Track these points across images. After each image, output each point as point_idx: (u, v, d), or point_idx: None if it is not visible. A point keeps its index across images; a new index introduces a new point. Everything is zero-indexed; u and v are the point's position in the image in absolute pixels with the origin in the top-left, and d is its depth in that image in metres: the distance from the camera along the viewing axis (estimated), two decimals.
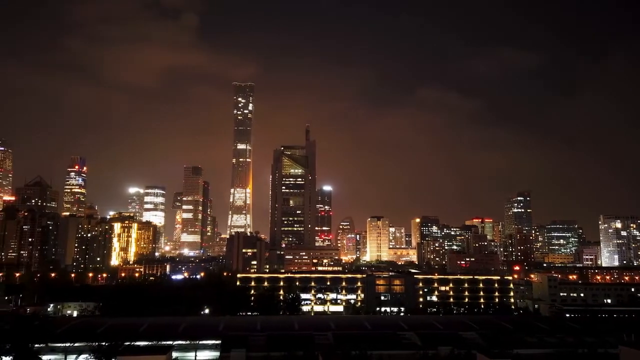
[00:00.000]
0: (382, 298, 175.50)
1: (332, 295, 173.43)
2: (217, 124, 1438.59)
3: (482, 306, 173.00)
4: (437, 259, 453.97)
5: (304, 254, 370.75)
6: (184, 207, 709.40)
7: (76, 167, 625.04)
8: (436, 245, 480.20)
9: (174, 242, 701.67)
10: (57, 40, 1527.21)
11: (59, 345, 73.72)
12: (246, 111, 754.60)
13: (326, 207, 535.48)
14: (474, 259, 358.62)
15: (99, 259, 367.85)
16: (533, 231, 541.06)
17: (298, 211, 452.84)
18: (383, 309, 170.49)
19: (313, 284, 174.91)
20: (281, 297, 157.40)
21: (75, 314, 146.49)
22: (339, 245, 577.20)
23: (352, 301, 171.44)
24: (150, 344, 73.84)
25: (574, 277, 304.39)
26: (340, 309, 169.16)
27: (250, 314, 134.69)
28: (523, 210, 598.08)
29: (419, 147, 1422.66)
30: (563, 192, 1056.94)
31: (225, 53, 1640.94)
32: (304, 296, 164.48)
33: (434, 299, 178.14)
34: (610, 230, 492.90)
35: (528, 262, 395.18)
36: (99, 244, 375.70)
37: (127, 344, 69.28)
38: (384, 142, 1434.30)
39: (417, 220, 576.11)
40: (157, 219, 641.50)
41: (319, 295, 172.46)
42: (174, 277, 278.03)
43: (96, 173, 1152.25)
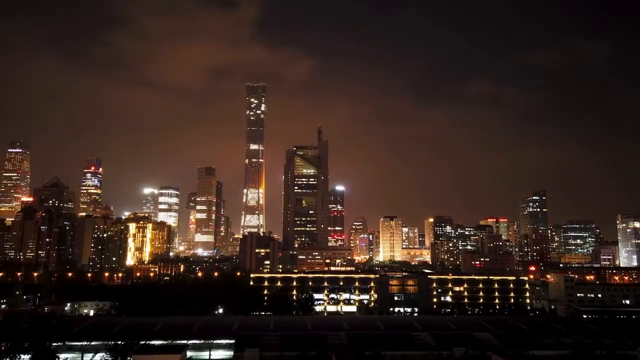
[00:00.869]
0: (396, 298, 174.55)
1: (345, 296, 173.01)
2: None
3: (497, 307, 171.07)
4: (451, 259, 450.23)
5: (316, 254, 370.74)
6: (198, 207, 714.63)
7: (92, 168, 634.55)
8: (450, 245, 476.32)
9: (188, 242, 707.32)
10: (96, 35, 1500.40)
11: (76, 343, 74.91)
12: (259, 112, 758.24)
13: (339, 207, 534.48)
14: (488, 259, 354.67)
15: (114, 258, 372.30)
16: (549, 231, 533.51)
17: (311, 211, 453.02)
18: (396, 309, 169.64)
19: (326, 284, 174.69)
20: (294, 297, 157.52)
21: (91, 313, 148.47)
22: (351, 245, 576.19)
23: (365, 301, 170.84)
24: (165, 343, 74.66)
25: (592, 277, 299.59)
26: (353, 309, 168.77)
27: (263, 313, 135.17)
28: (538, 209, 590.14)
29: (432, 147, 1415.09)
30: (579, 191, 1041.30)
31: (279, 50, 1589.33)
32: (316, 296, 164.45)
33: (448, 299, 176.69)
34: (628, 230, 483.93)
35: (544, 262, 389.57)
36: (115, 244, 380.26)
37: (143, 343, 70.08)
38: (396, 142, 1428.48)
39: (431, 220, 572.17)
40: (171, 219, 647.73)
41: (332, 296, 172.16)
42: (188, 277, 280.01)
43: (111, 174, 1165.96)
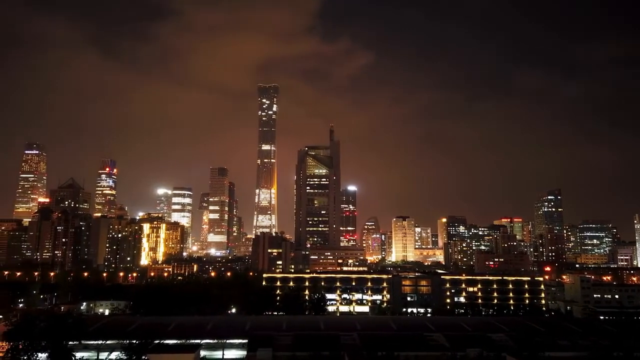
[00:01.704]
0: (409, 299, 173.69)
1: (358, 296, 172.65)
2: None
3: (512, 308, 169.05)
4: (465, 259, 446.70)
5: (329, 254, 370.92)
6: (211, 207, 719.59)
7: (107, 169, 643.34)
8: (463, 245, 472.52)
9: (201, 242, 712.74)
10: (141, 29, 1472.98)
11: (92, 342, 75.82)
12: (270, 112, 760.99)
13: (351, 207, 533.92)
14: (502, 260, 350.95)
15: (129, 258, 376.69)
16: (564, 231, 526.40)
17: (323, 211, 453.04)
18: (409, 309, 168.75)
19: (338, 284, 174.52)
20: (306, 297, 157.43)
21: (106, 312, 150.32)
22: (364, 245, 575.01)
23: (378, 302, 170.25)
24: (179, 342, 75.30)
25: (609, 278, 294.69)
26: (365, 309, 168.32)
27: (276, 313, 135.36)
28: (554, 209, 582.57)
29: (443, 146, 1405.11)
30: (595, 190, 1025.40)
31: (334, 44, 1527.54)
32: (329, 296, 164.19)
33: (462, 300, 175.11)
34: None
35: (559, 262, 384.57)
36: (129, 244, 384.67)
37: (157, 342, 70.64)
38: (407, 141, 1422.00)
39: (444, 220, 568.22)
40: (184, 219, 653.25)
41: (345, 296, 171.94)
42: (201, 276, 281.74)
43: (126, 175, 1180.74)
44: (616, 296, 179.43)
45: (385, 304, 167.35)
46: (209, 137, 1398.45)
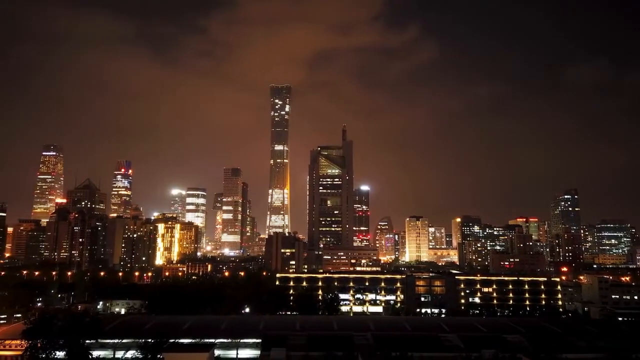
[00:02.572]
0: (422, 299, 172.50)
1: (371, 296, 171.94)
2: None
3: (528, 308, 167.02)
4: (479, 259, 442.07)
5: (342, 254, 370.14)
6: (224, 207, 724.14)
7: (122, 170, 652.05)
8: (478, 245, 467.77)
9: (214, 242, 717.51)
10: (192, 20, 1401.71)
11: (108, 341, 76.90)
12: (283, 112, 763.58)
13: (364, 207, 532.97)
14: (518, 260, 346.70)
15: (144, 258, 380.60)
16: (582, 231, 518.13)
17: (335, 211, 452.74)
18: (423, 310, 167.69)
19: (351, 284, 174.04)
20: (320, 297, 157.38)
21: (122, 311, 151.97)
22: (377, 245, 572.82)
23: (392, 302, 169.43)
24: (193, 341, 75.90)
25: (627, 278, 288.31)
26: (379, 309, 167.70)
27: (289, 313, 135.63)
28: (570, 208, 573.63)
29: (459, 144, 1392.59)
30: (613, 190, 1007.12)
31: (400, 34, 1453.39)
32: (342, 296, 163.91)
33: (477, 300, 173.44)
34: None
35: (577, 263, 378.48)
36: (144, 244, 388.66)
37: (172, 341, 71.27)
38: (419, 139, 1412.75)
39: (458, 219, 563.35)
40: (198, 219, 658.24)
41: (358, 296, 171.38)
42: (215, 276, 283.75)
43: (141, 175, 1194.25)
44: (635, 297, 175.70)
45: (399, 304, 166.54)
46: (222, 137, 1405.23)
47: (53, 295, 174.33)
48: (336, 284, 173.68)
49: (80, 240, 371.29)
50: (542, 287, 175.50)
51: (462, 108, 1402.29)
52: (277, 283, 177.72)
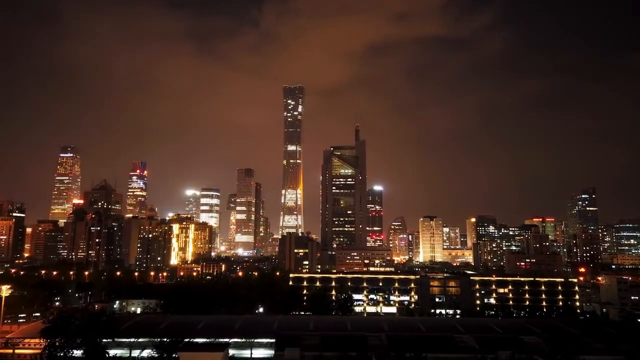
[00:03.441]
0: (437, 300, 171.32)
1: (385, 296, 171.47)
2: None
3: (544, 310, 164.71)
4: (495, 260, 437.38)
5: (355, 254, 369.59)
6: (238, 208, 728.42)
7: (137, 171, 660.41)
8: (493, 245, 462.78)
9: (228, 242, 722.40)
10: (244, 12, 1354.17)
11: (124, 340, 77.85)
12: (296, 113, 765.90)
13: (377, 207, 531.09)
14: (534, 260, 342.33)
15: (159, 258, 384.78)
16: (599, 231, 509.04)
17: (349, 211, 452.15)
18: (438, 310, 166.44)
19: (365, 284, 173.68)
20: (333, 297, 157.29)
21: (138, 310, 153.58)
22: (390, 245, 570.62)
23: (406, 302, 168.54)
24: (208, 341, 76.38)
25: None
26: (393, 310, 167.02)
27: (303, 313, 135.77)
28: (588, 208, 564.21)
29: (468, 144, 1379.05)
30: (631, 189, 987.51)
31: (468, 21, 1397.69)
32: (356, 297, 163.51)
33: (492, 301, 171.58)
34: None
35: (594, 263, 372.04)
36: (159, 244, 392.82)
37: (187, 340, 71.86)
38: (432, 139, 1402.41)
39: (473, 220, 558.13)
40: (212, 220, 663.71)
41: (371, 296, 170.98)
42: (229, 276, 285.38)
43: (155, 176, 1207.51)
44: None
45: (413, 305, 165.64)
46: (234, 138, 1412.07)
47: (71, 295, 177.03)
48: (350, 284, 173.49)
49: (97, 240, 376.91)
50: (559, 287, 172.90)
51: (490, 108, 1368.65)
52: (291, 283, 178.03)
